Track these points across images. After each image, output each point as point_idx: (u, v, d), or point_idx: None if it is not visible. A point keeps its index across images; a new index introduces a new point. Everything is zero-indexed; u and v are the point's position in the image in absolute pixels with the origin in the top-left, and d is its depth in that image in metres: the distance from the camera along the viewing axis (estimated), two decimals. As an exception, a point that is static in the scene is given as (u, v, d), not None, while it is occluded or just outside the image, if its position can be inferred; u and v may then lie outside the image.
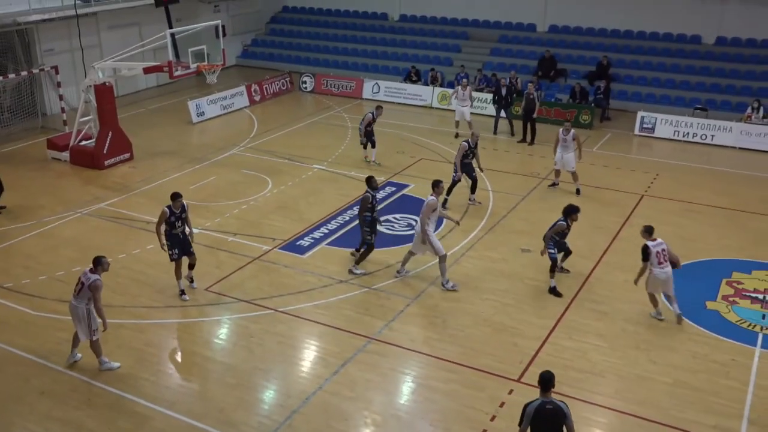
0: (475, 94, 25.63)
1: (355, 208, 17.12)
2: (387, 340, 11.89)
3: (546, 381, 7.99)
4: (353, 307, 12.86)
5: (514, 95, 24.49)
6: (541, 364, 11.22)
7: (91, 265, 10.79)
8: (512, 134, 23.03)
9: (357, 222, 14.73)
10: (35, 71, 23.44)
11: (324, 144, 22.11)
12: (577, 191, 18.09)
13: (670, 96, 25.38)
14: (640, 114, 23.58)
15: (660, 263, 12.14)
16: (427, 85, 27.18)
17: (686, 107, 24.40)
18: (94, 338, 10.97)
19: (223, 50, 20.77)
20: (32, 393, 10.64)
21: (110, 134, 20.00)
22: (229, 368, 11.23)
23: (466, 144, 17.02)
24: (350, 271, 14.06)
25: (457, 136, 22.45)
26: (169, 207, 12.87)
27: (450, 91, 26.36)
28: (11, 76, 22.57)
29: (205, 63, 19.79)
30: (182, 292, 13.16)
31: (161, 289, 13.51)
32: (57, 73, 23.21)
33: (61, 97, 23.57)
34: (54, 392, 10.64)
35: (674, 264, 12.32)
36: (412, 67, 28.04)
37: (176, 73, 19.10)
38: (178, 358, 11.63)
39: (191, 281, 13.54)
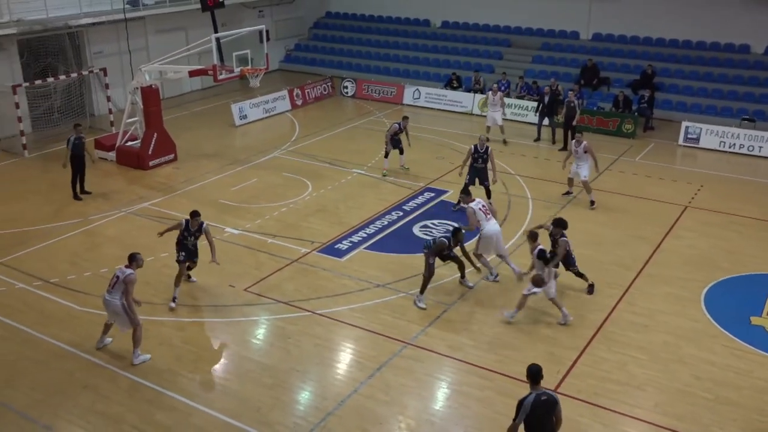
0: (516, 101, 25.56)
1: (394, 213, 17.17)
2: (423, 346, 11.87)
3: (535, 374, 8.21)
4: (390, 312, 12.87)
5: (556, 103, 24.31)
6: (578, 375, 11.10)
7: (127, 261, 11.27)
8: (554, 142, 22.83)
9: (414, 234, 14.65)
10: (85, 73, 24.02)
11: (364, 149, 22.19)
12: (591, 203, 17.66)
13: (716, 106, 24.90)
14: (684, 124, 23.17)
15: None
16: (469, 91, 27.10)
17: (733, 118, 23.92)
18: (135, 327, 11.29)
19: (267, 54, 21.01)
20: (76, 386, 10.87)
21: (155, 135, 20.37)
22: (267, 368, 11.33)
23: (472, 148, 17.20)
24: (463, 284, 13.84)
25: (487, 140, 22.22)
26: (186, 221, 13.10)
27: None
28: (62, 77, 23.15)
29: (249, 67, 20.05)
30: (174, 299, 13.05)
31: (202, 288, 13.70)
32: (105, 75, 23.75)
33: (108, 99, 24.09)
34: (96, 386, 10.86)
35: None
36: (453, 73, 28.02)
37: (220, 77, 19.38)
38: (217, 356, 11.76)
39: (189, 277, 13.73)
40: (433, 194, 18.49)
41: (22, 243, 15.61)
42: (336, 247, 15.48)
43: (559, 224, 13.23)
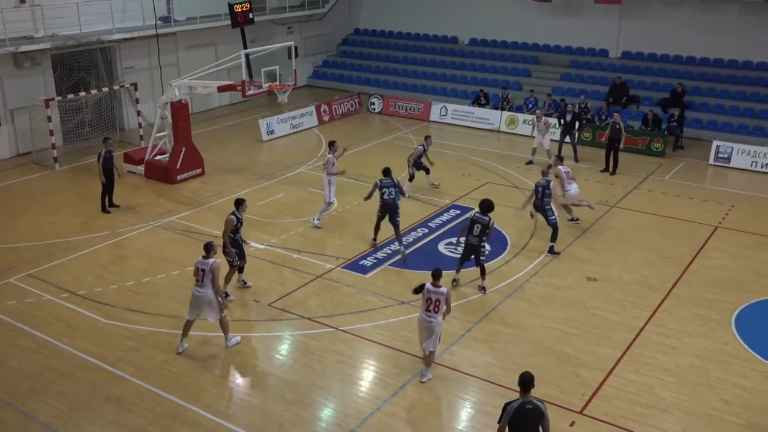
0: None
1: (419, 230, 17.14)
2: (446, 364, 11.78)
3: (527, 382, 8.26)
4: (414, 329, 12.72)
5: (584, 122, 24.16)
6: (605, 397, 10.93)
7: (204, 253, 11.79)
8: (576, 160, 22.64)
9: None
10: (116, 88, 24.41)
11: (390, 165, 22.08)
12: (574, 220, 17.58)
13: (748, 125, 24.56)
14: (715, 143, 22.87)
15: (427, 309, 10.90)
16: (497, 108, 27.06)
17: (766, 137, 23.55)
18: (223, 315, 11.92)
19: (295, 71, 21.18)
20: (99, 399, 10.95)
21: (183, 150, 20.59)
22: (289, 384, 11.32)
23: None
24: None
25: (529, 162, 22.18)
26: (234, 214, 13.50)
27: (518, 115, 26.21)
28: (93, 91, 23.55)
29: (277, 83, 20.23)
30: (227, 294, 13.58)
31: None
32: (136, 89, 24.13)
33: (138, 113, 24.46)
34: (120, 399, 10.93)
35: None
36: (480, 90, 28.00)
37: (249, 92, 19.57)
38: (240, 371, 11.78)
39: (244, 282, 14.23)
40: (458, 211, 18.43)
41: (51, 255, 15.84)
42: (360, 263, 15.47)
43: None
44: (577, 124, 22.83)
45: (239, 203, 13.64)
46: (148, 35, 25.21)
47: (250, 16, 27.55)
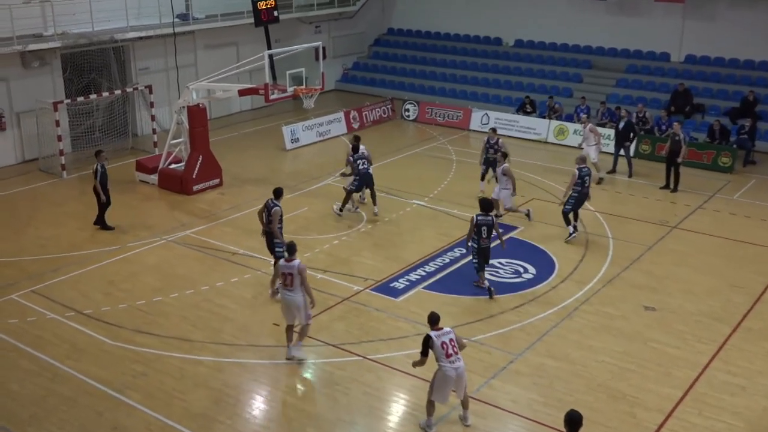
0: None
1: (456, 249, 17.09)
2: (485, 400, 11.69)
3: (575, 421, 8.19)
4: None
5: (641, 131, 23.94)
6: (663, 441, 10.75)
7: (286, 254, 12.41)
8: (630, 175, 22.42)
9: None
10: (129, 90, 24.83)
11: (425, 178, 22.24)
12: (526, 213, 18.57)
13: (829, 139, 24.18)
14: (791, 158, 22.53)
15: (449, 356, 10.53)
16: (544, 116, 26.98)
17: None
18: (311, 322, 12.52)
19: (323, 73, 21.36)
20: (104, 427, 11.05)
21: (200, 158, 20.84)
22: (311, 417, 11.32)
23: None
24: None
25: (599, 181, 21.78)
26: (277, 205, 14.71)
27: (568, 125, 26.08)
28: (105, 94, 23.95)
29: (303, 87, 20.38)
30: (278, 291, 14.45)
31: (244, 325, 13.84)
32: (151, 92, 24.51)
33: (153, 118, 24.83)
34: (126, 428, 11.02)
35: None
36: (526, 97, 27.94)
37: (272, 97, 19.76)
38: (258, 402, 11.82)
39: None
40: (501, 230, 18.27)
41: (56, 270, 16.09)
42: (391, 285, 15.46)
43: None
44: (631, 134, 22.60)
45: (281, 193, 14.92)
46: (164, 34, 25.62)
47: (275, 13, 27.89)
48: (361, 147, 19.17)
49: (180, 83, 23.94)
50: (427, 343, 10.48)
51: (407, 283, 15.60)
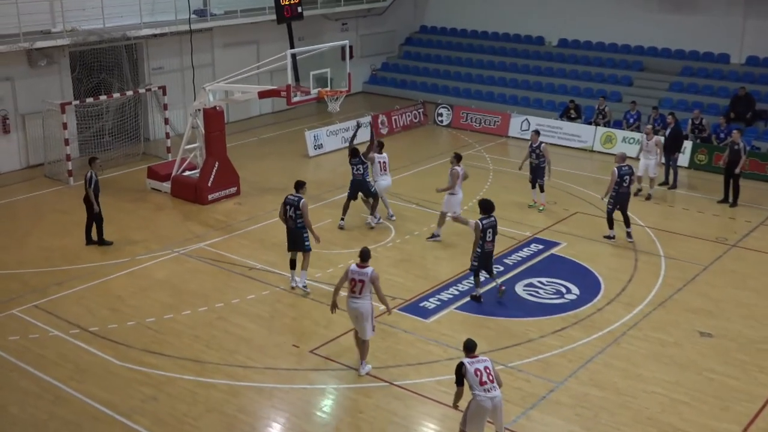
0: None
1: (492, 267, 17.01)
2: (523, 432, 11.62)
3: None
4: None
5: (697, 140, 23.73)
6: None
7: (358, 260, 12.73)
8: (671, 186, 22.23)
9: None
10: (141, 91, 25.07)
11: (489, 198, 22.12)
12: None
13: None
14: None
15: (483, 383, 10.38)
16: (590, 122, 26.83)
17: None
18: (372, 333, 12.82)
19: (349, 74, 21.44)
20: (109, 455, 11.12)
21: (217, 165, 20.98)
22: (332, 448, 11.30)
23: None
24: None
25: (638, 192, 21.48)
26: (301, 197, 15.49)
27: (617, 132, 25.91)
28: (116, 95, 24.20)
29: (328, 89, 20.47)
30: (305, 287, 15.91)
31: (261, 346, 13.88)
32: (164, 94, 24.72)
33: (166, 121, 25.07)
34: (133, 456, 11.08)
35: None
36: (570, 101, 27.84)
37: (294, 99, 19.87)
38: (275, 430, 11.82)
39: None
40: (541, 246, 18.25)
41: (60, 284, 16.27)
42: (421, 305, 15.42)
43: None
44: (681, 143, 22.39)
45: (303, 185, 15.72)
46: (180, 31, 25.90)
47: (299, 10, 27.99)
48: (378, 154, 19.35)
49: (196, 84, 24.15)
50: (461, 370, 10.42)
51: (438, 302, 15.55)
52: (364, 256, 12.79)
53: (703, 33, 28.94)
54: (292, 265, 16.02)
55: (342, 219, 19.22)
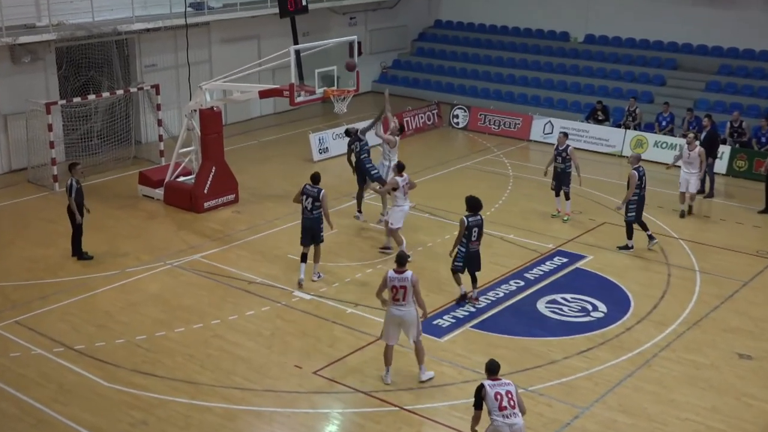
0: (682, 141, 24.97)
1: (512, 282, 17.00)
2: (545, 462, 11.59)
3: None
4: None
5: (736, 145, 23.67)
6: None
7: (396, 266, 13.07)
8: (708, 194, 22.19)
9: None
10: (133, 90, 25.14)
11: (477, 196, 22.13)
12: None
13: None
14: None
15: (502, 408, 10.35)
16: (619, 125, 26.80)
17: None
18: (420, 338, 13.25)
19: (357, 73, 21.46)
20: (95, 484, 11.13)
21: (213, 170, 21.03)
22: (337, 478, 11.30)
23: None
24: None
25: (683, 215, 20.91)
26: (319, 188, 16.52)
27: (648, 135, 25.86)
28: (105, 94, 24.28)
29: (334, 88, 20.51)
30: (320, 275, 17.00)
31: (260, 366, 13.88)
32: (158, 93, 24.84)
33: (159, 123, 25.17)
34: (121, 486, 11.09)
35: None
36: (598, 102, 27.83)
37: (298, 99, 19.91)
38: (274, 458, 11.83)
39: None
40: (566, 259, 18.23)
41: (44, 298, 16.32)
42: (434, 323, 15.40)
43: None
44: (717, 147, 22.32)
45: (319, 178, 16.72)
46: (175, 26, 26.03)
47: (304, 2, 28.08)
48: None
49: (192, 83, 24.21)
50: (480, 393, 10.40)
51: (453, 320, 15.54)
52: (402, 260, 13.14)
53: (741, 28, 28.92)
54: (303, 258, 16.70)
55: (358, 212, 19.76)
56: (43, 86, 24.22)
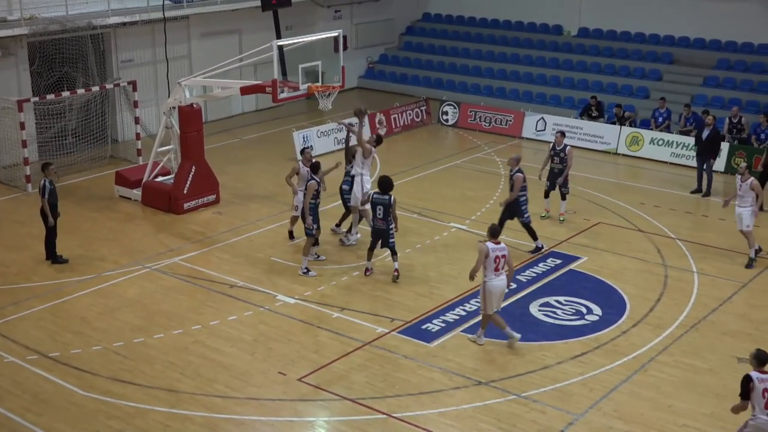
0: (678, 138, 25.10)
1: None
2: (539, 471, 11.64)
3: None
4: (494, 420, 12.67)
5: (735, 142, 23.77)
6: None
7: (491, 238, 14.28)
8: (705, 193, 22.26)
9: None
10: (109, 86, 25.08)
11: (467, 196, 22.25)
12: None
13: None
14: None
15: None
16: (614, 121, 26.91)
17: None
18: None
19: (343, 68, 21.49)
20: (72, 497, 11.12)
21: (193, 169, 21.00)
22: (323, 489, 11.32)
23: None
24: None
25: (749, 264, 18.28)
26: (313, 178, 16.96)
27: (644, 132, 25.94)
28: (80, 91, 24.21)
29: (319, 84, 20.55)
30: (308, 270, 17.31)
31: (243, 373, 13.88)
32: (135, 89, 24.77)
33: (137, 120, 25.11)
34: (98, 498, 11.08)
35: None
36: (592, 97, 27.91)
37: (281, 96, 19.87)
38: (258, 468, 11.84)
39: (317, 256, 17.95)
40: (559, 261, 18.29)
41: (16, 304, 16.26)
42: (424, 327, 15.43)
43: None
44: (718, 147, 22.44)
45: (318, 168, 17.32)
46: (152, 19, 26.00)
47: (287, -5, 28.17)
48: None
49: (170, 79, 24.22)
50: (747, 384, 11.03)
51: (443, 324, 15.56)
52: (495, 232, 14.42)
53: (740, 21, 29.06)
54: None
55: (345, 233, 19.42)
56: (15, 83, 24.14)
